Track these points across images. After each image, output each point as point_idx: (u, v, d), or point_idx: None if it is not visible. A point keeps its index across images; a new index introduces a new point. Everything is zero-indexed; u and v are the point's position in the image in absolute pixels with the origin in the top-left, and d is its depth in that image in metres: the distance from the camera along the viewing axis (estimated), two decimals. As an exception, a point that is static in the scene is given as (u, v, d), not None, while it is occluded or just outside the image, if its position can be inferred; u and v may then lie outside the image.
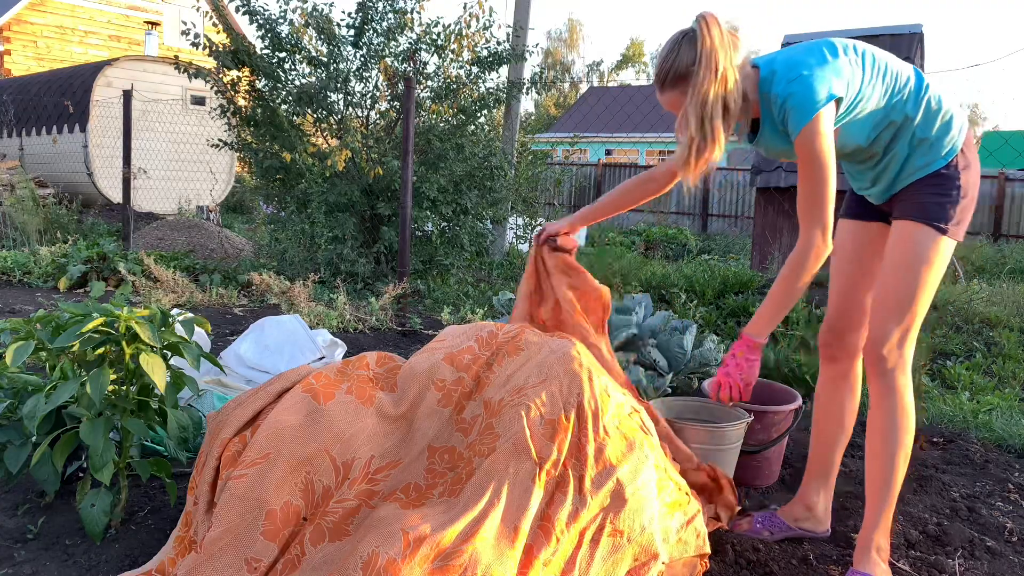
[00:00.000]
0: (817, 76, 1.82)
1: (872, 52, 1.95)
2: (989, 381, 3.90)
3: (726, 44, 1.82)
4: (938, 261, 1.91)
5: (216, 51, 6.45)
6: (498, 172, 6.95)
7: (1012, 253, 10.24)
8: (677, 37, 1.87)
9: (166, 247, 7.89)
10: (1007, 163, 15.65)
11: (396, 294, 5.25)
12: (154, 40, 16.82)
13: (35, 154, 12.93)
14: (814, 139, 1.82)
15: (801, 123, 1.82)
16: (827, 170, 1.83)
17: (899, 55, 7.32)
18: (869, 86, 1.91)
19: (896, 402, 1.95)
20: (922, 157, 1.93)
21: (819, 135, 1.82)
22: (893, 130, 1.95)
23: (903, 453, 1.98)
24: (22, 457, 2.16)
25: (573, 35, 46.05)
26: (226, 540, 1.66)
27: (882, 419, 1.97)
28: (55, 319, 2.13)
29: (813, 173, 1.84)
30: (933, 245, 1.90)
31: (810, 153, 1.83)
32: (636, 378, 3.31)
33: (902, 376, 1.95)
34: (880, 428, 1.98)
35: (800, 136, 1.83)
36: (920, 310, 1.93)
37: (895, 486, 1.99)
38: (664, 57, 1.88)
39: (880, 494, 1.99)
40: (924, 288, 1.91)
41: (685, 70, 1.84)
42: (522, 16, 8.18)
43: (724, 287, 5.61)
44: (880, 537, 2.00)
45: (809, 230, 1.87)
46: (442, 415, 1.94)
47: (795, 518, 2.29)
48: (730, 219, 16.18)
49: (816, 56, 1.87)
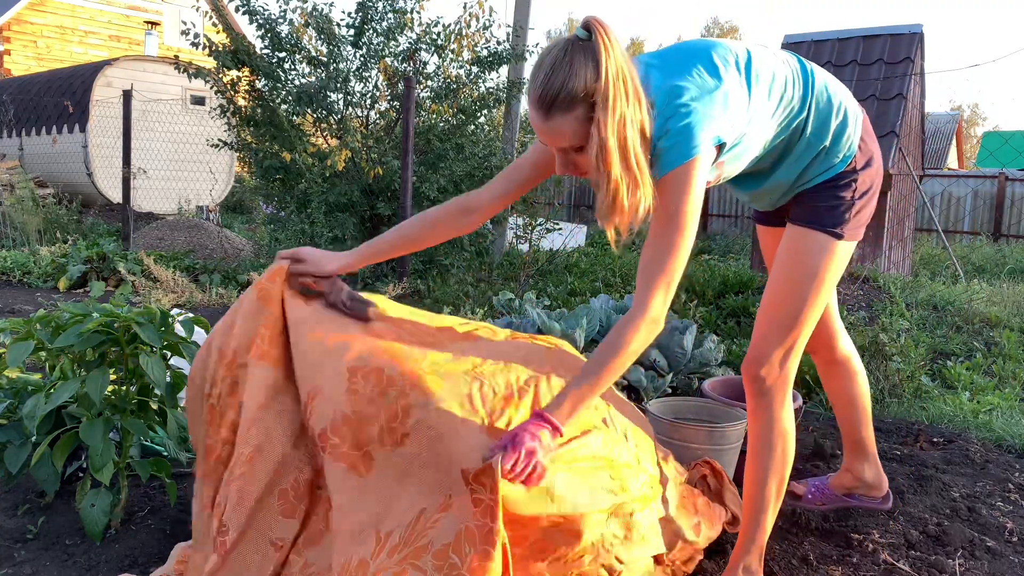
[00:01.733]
0: (699, 113, 1.54)
1: (756, 62, 1.67)
2: (989, 381, 3.90)
3: (627, 54, 1.51)
4: (833, 267, 1.77)
5: (216, 51, 6.45)
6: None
7: (1012, 253, 10.25)
8: (564, 47, 1.49)
9: (166, 247, 7.89)
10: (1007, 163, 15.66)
11: (396, 294, 5.26)
12: (154, 40, 16.83)
13: (35, 154, 12.93)
14: (682, 190, 1.54)
15: (669, 166, 1.54)
16: (686, 231, 1.56)
17: (899, 55, 7.33)
18: (757, 111, 1.65)
19: (771, 422, 1.81)
20: (817, 167, 1.76)
21: (687, 192, 1.54)
22: (782, 147, 1.75)
23: (776, 478, 1.83)
24: (22, 457, 2.16)
25: (573, 35, 46.01)
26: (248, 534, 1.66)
27: (756, 439, 1.84)
28: (55, 319, 2.13)
29: (668, 230, 1.56)
30: (829, 252, 1.76)
31: (671, 205, 1.55)
32: (636, 378, 3.31)
33: (780, 394, 1.80)
34: (754, 448, 1.85)
35: (664, 181, 1.55)
36: (809, 322, 1.79)
37: (767, 510, 1.85)
38: (551, 72, 1.47)
39: (752, 517, 1.86)
40: (815, 301, 1.77)
41: (584, 89, 1.46)
42: (522, 16, 8.18)
43: (724, 287, 5.61)
44: (752, 560, 1.87)
45: (648, 295, 1.57)
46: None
47: (845, 487, 2.27)
48: (730, 219, 16.17)
49: (696, 80, 1.57)
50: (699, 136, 1.54)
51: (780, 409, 1.82)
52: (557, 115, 1.49)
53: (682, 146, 1.53)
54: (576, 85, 1.46)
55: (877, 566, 2.12)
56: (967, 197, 13.54)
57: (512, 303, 4.32)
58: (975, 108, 48.15)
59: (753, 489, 1.86)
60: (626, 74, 1.48)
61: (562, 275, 6.68)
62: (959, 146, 26.79)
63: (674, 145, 1.53)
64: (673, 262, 1.57)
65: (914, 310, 5.39)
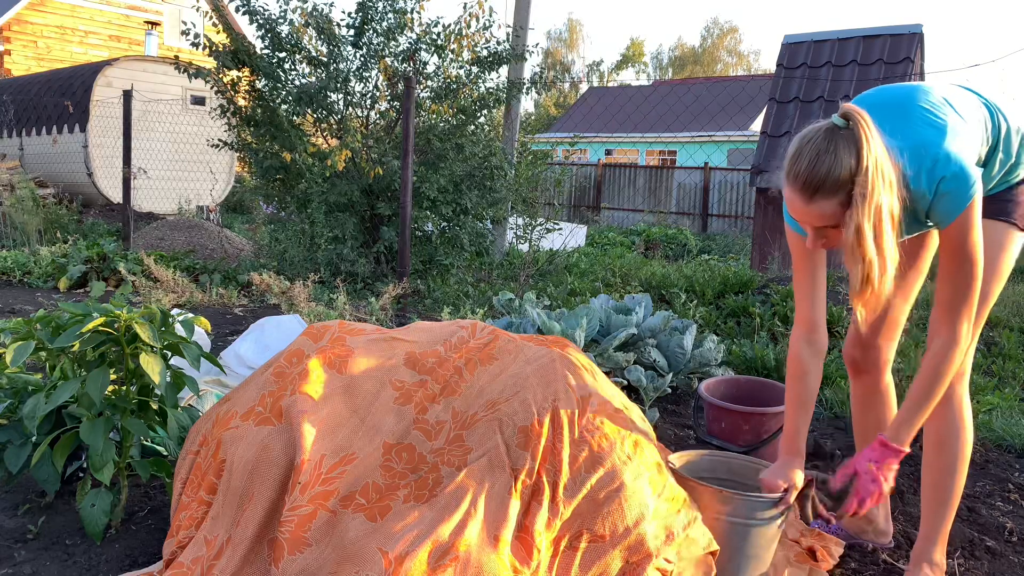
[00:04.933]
0: (959, 156, 1.66)
1: (950, 95, 1.81)
2: (989, 381, 3.90)
3: (882, 141, 1.61)
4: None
5: (216, 51, 6.45)
6: (498, 172, 6.95)
7: (1012, 253, 10.22)
8: (826, 135, 1.61)
9: (166, 247, 7.89)
10: (1007, 163, 15.61)
11: (396, 294, 5.26)
12: (154, 40, 16.82)
13: (35, 154, 12.94)
14: (968, 231, 1.66)
15: (954, 214, 1.66)
16: (979, 260, 1.69)
17: (899, 55, 7.33)
18: (972, 135, 1.78)
19: (954, 412, 1.89)
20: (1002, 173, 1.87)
21: (972, 227, 1.66)
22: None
23: (963, 467, 1.91)
24: (22, 457, 2.16)
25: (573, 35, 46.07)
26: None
27: (941, 426, 1.90)
28: (55, 319, 2.13)
29: (963, 265, 1.69)
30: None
31: (960, 241, 1.67)
32: (636, 378, 3.31)
33: (959, 385, 1.89)
34: (939, 437, 1.90)
35: (952, 227, 1.67)
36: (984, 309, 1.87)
37: (952, 501, 1.93)
38: (815, 158, 1.60)
39: (936, 508, 1.93)
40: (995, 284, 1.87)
41: (848, 176, 1.58)
42: (522, 16, 8.18)
43: (724, 287, 5.61)
44: (936, 552, 1.95)
45: (958, 328, 1.71)
46: (400, 412, 1.87)
47: (857, 529, 2.24)
48: (730, 219, 16.17)
49: (936, 126, 1.70)
50: (970, 171, 1.65)
51: (962, 397, 1.90)
52: (820, 199, 1.62)
53: (961, 190, 1.64)
54: (841, 174, 1.58)
55: (877, 566, 2.12)
56: (967, 197, 13.52)
57: (512, 303, 4.32)
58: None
59: (940, 478, 1.92)
60: (883, 162, 1.60)
61: (562, 275, 6.68)
62: (959, 146, 26.73)
63: (954, 190, 1.65)
64: (974, 293, 1.71)
65: (914, 310, 5.38)
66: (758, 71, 41.11)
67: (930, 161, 1.66)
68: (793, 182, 1.65)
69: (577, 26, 46.20)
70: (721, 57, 45.33)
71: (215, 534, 1.77)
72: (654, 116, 23.71)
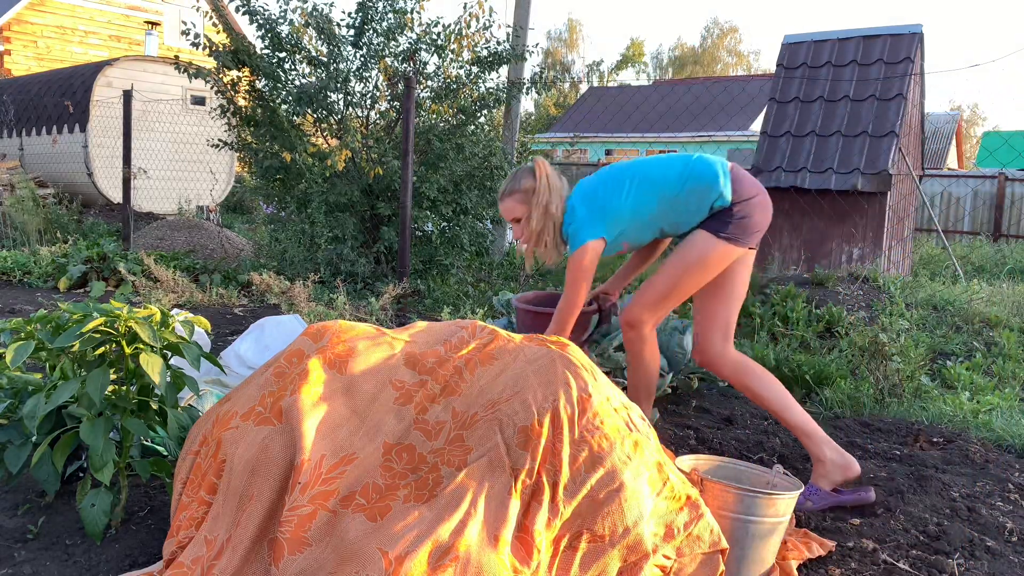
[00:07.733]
0: (583, 223, 2.62)
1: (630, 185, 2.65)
2: (989, 381, 3.90)
3: (554, 177, 2.70)
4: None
5: (216, 51, 6.46)
6: (498, 172, 6.95)
7: (1012, 253, 10.25)
8: (521, 169, 2.75)
9: (166, 247, 7.89)
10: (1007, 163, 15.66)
11: (396, 294, 5.26)
12: (154, 40, 16.82)
13: (35, 154, 12.94)
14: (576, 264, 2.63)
15: (571, 249, 2.66)
16: (579, 295, 2.65)
17: (899, 55, 7.33)
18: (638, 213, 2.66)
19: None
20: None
21: (580, 265, 2.63)
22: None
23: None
24: (22, 457, 2.16)
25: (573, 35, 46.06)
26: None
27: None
28: (55, 319, 2.13)
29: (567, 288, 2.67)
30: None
31: (571, 272, 2.64)
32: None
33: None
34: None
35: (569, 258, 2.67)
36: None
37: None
38: (511, 178, 2.73)
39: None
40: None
41: (526, 187, 2.68)
42: (522, 16, 8.18)
43: (724, 287, 5.60)
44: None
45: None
46: (401, 412, 1.88)
47: (826, 478, 2.48)
48: (730, 219, 16.13)
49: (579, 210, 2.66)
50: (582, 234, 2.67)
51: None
52: (506, 199, 2.75)
53: (575, 240, 2.70)
54: (522, 184, 2.72)
55: (877, 566, 2.12)
56: (967, 197, 13.54)
57: (511, 304, 4.32)
58: (975, 108, 48.18)
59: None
60: (552, 182, 2.70)
61: (562, 275, 6.68)
62: (959, 146, 26.79)
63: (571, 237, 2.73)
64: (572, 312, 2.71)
65: (914, 310, 5.38)
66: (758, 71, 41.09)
67: (568, 220, 2.74)
68: (500, 193, 2.78)
69: (577, 26, 46.20)
70: (721, 57, 45.31)
71: (215, 534, 1.77)
72: (654, 116, 23.71)
